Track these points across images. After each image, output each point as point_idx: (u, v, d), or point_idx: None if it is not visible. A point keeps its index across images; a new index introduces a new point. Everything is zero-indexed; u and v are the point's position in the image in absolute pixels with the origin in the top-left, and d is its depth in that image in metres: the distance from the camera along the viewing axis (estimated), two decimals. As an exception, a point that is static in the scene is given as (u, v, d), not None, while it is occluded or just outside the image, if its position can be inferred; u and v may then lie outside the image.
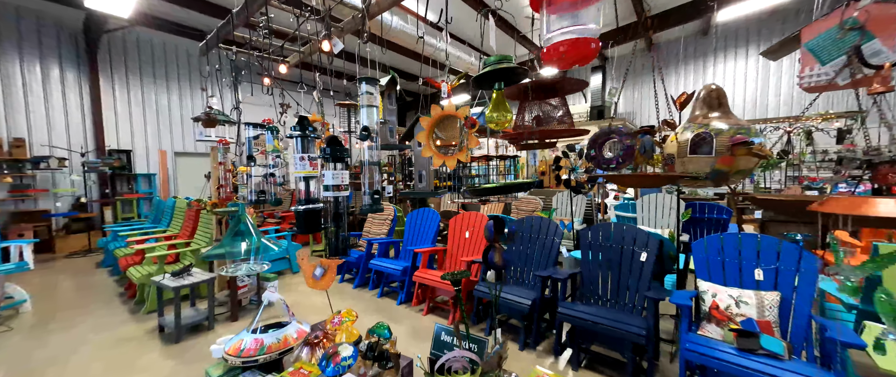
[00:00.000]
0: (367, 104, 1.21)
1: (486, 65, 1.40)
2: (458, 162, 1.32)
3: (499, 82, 1.45)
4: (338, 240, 1.37)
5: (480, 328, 2.72)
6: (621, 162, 1.24)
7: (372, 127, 1.19)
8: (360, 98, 1.20)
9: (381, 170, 1.19)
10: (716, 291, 1.88)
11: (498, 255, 1.06)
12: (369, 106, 1.22)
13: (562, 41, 1.27)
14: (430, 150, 1.23)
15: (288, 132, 1.38)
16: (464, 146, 1.22)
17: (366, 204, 1.21)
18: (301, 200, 1.41)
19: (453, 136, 1.25)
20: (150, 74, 7.19)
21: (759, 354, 1.53)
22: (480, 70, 1.32)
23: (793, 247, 1.80)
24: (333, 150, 1.29)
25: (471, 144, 1.18)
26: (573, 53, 1.27)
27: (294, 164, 1.38)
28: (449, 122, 1.30)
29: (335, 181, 1.30)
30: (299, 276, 4.23)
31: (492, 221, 1.15)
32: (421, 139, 1.26)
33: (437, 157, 1.21)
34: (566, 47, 1.26)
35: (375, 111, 1.23)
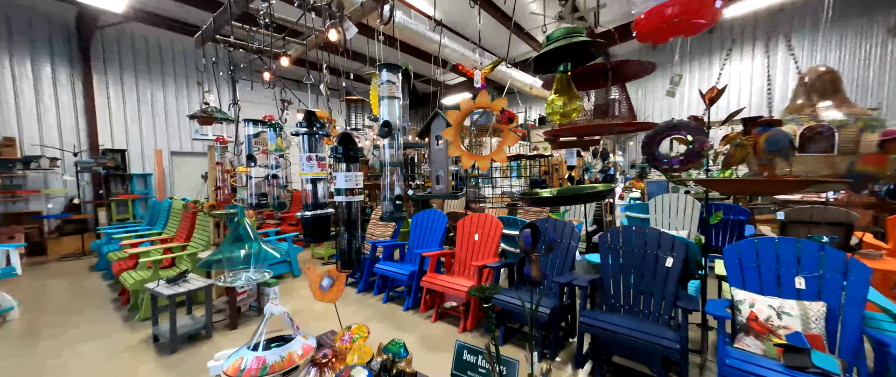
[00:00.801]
0: (389, 95, 1.06)
1: (551, 40, 1.19)
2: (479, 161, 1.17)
3: (565, 63, 1.21)
4: (350, 251, 1.23)
5: (494, 337, 2.58)
6: (684, 162, 1.08)
7: (394, 122, 1.04)
8: (380, 88, 1.05)
9: (404, 171, 1.06)
10: (754, 301, 1.75)
11: (535, 268, 0.93)
12: (391, 98, 1.07)
13: (671, 1, 1.01)
14: (458, 149, 1.08)
15: (292, 130, 1.24)
16: (499, 143, 1.07)
17: (387, 211, 1.06)
18: (307, 205, 1.26)
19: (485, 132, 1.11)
20: (144, 72, 7.01)
21: (811, 372, 1.39)
22: (544, 47, 1.14)
23: (838, 253, 1.67)
24: (346, 149, 1.15)
25: (507, 142, 1.04)
26: (688, 18, 0.97)
27: (300, 165, 1.23)
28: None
29: (348, 184, 1.15)
30: (300, 281, 4.08)
31: (528, 229, 1.01)
32: (448, 136, 1.12)
33: (467, 157, 1.07)
34: (677, 8, 0.99)
35: (397, 104, 1.08)
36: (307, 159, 1.21)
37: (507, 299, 2.37)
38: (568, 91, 1.28)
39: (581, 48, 1.23)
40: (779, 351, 1.54)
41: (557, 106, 1.24)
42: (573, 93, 1.28)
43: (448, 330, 2.75)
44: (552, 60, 1.24)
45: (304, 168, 1.21)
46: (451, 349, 2.48)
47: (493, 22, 7.18)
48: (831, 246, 1.76)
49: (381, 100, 1.04)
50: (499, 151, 1.11)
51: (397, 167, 1.03)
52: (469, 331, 2.67)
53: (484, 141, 4.30)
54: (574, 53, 1.27)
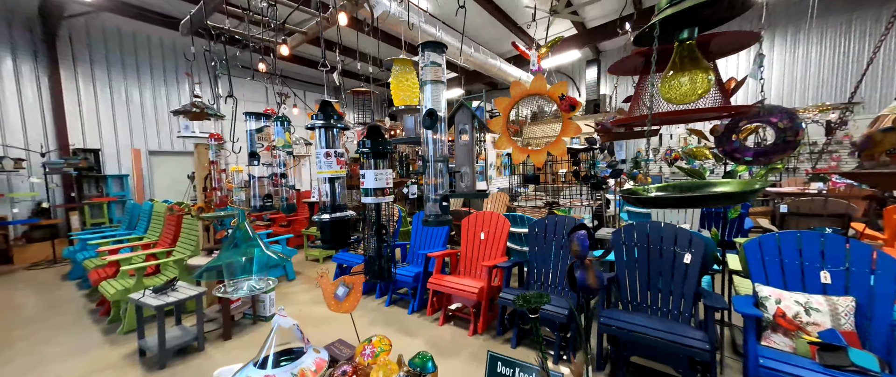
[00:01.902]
0: (432, 79, 0.93)
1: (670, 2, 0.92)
2: None
3: (689, 28, 0.96)
4: (380, 259, 1.10)
5: (506, 339, 2.50)
6: (772, 152, 0.97)
7: (439, 111, 0.91)
8: (423, 72, 0.91)
9: (448, 169, 0.94)
10: (780, 297, 1.72)
11: (592, 276, 0.83)
12: (435, 82, 0.93)
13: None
14: (507, 142, 0.97)
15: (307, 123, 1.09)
16: (558, 135, 0.96)
17: (432, 213, 0.93)
18: (325, 207, 1.13)
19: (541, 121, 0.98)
20: (118, 66, 6.56)
21: (849, 371, 1.36)
22: (659, 12, 0.90)
23: (864, 246, 1.65)
24: (374, 144, 1.01)
25: (568, 132, 0.93)
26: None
27: (316, 162, 1.09)
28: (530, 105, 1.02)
29: (378, 183, 1.02)
30: (296, 284, 3.90)
31: (583, 231, 0.91)
32: (495, 127, 1.00)
33: (518, 151, 0.96)
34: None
35: (442, 89, 0.94)
36: (325, 155, 1.07)
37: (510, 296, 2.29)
38: (694, 64, 0.98)
39: (711, 6, 0.95)
40: (812, 349, 1.50)
41: (678, 84, 0.96)
42: (702, 64, 1.00)
43: (457, 333, 2.65)
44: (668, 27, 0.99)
45: (322, 165, 1.08)
46: (462, 353, 2.40)
47: (485, 16, 7.07)
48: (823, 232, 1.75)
49: (423, 84, 0.91)
50: (557, 143, 0.99)
51: (443, 163, 0.91)
52: (480, 334, 2.58)
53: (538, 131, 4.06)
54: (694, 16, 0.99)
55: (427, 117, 0.89)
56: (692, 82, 0.98)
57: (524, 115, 7.05)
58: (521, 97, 0.99)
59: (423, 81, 0.90)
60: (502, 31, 7.68)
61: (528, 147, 0.99)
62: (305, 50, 8.03)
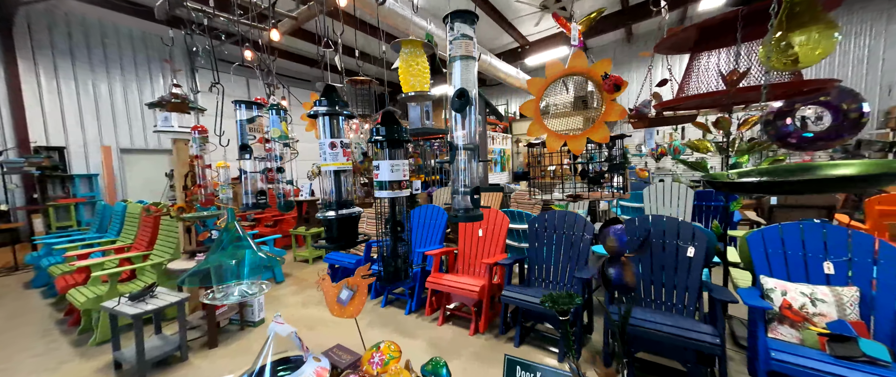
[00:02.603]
0: (463, 54, 0.79)
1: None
2: None
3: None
4: (396, 260, 0.99)
5: (509, 337, 2.44)
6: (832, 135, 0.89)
7: (471, 91, 0.80)
8: (452, 46, 0.80)
9: (479, 158, 0.83)
10: (785, 289, 1.72)
11: (629, 273, 0.77)
12: (465, 58, 0.82)
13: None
14: (541, 127, 0.88)
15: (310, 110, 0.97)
16: (598, 119, 0.87)
17: (460, 207, 0.83)
18: (330, 204, 1.01)
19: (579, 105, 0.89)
20: (85, 58, 6.12)
21: (861, 361, 1.36)
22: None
23: (866, 237, 1.66)
24: (390, 131, 0.90)
25: (610, 116, 0.85)
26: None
27: (320, 154, 0.98)
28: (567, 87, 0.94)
29: (394, 175, 0.92)
30: (285, 287, 3.73)
31: (620, 226, 0.85)
32: (526, 111, 0.91)
33: (554, 138, 0.88)
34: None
35: (473, 66, 0.83)
36: (330, 146, 0.96)
37: (525, 297, 2.23)
38: (813, 19, 0.82)
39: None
40: (821, 340, 1.50)
41: (800, 42, 0.79)
42: (823, 19, 0.83)
43: (458, 333, 2.57)
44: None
45: (327, 157, 0.97)
46: (464, 353, 2.32)
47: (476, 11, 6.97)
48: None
49: (452, 61, 0.80)
50: (598, 128, 0.91)
51: (473, 151, 0.81)
52: (481, 334, 2.51)
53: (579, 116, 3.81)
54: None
55: (456, 98, 0.79)
56: (811, 42, 0.80)
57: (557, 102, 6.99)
58: (559, 77, 0.90)
59: (451, 57, 0.80)
60: (493, 27, 7.61)
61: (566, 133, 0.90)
62: (293, 44, 7.73)
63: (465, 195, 0.79)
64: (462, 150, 0.79)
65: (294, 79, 9.51)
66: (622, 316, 0.87)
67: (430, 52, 1.13)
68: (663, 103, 0.82)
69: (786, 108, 0.91)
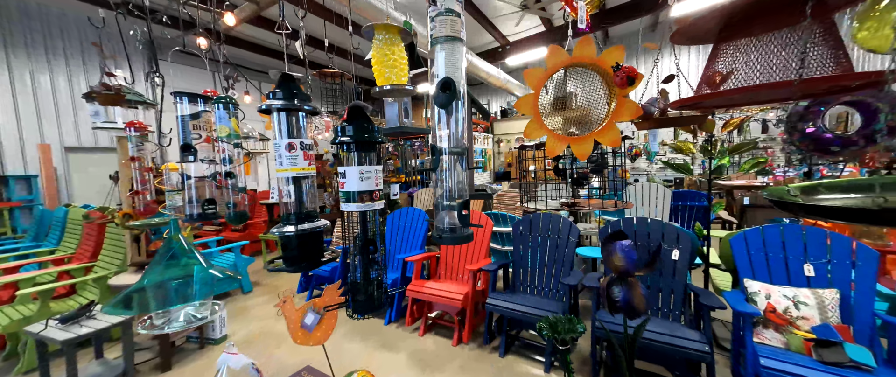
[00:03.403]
0: (448, 35, 0.63)
1: None
2: None
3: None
4: (368, 285, 0.83)
5: (494, 347, 2.33)
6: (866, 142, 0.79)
7: (458, 81, 0.64)
8: (436, 23, 0.64)
9: (468, 164, 0.69)
10: (769, 292, 1.71)
11: (638, 295, 0.66)
12: (452, 39, 0.63)
13: None
14: (539, 127, 0.75)
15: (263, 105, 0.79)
16: (608, 119, 0.75)
17: (446, 226, 0.68)
18: (289, 216, 0.84)
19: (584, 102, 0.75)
20: (21, 46, 5.46)
21: (849, 367, 1.35)
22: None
23: (844, 239, 1.68)
24: (359, 130, 0.75)
25: (621, 115, 0.73)
26: None
27: (275, 157, 0.81)
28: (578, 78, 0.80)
29: (365, 184, 0.76)
30: (254, 297, 3.45)
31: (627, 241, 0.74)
32: (524, 109, 0.78)
33: (556, 139, 0.75)
34: None
35: (461, 51, 0.67)
36: (288, 148, 0.79)
37: (512, 305, 2.14)
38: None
39: None
40: (806, 345, 1.49)
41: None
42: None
43: (441, 343, 2.44)
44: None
45: (284, 161, 0.80)
46: (448, 367, 2.19)
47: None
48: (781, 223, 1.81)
49: (435, 43, 0.65)
50: (608, 129, 0.78)
51: (461, 155, 0.66)
52: (465, 344, 2.39)
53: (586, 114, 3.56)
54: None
55: (441, 90, 0.64)
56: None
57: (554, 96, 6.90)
58: (561, 67, 0.78)
59: (434, 39, 0.65)
60: (473, 25, 7.52)
61: (569, 134, 0.78)
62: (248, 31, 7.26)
63: (452, 210, 0.65)
64: (447, 154, 0.65)
65: (260, 72, 9.00)
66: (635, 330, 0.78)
67: (408, 40, 0.98)
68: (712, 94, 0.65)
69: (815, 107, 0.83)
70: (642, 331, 1.06)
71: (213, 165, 1.24)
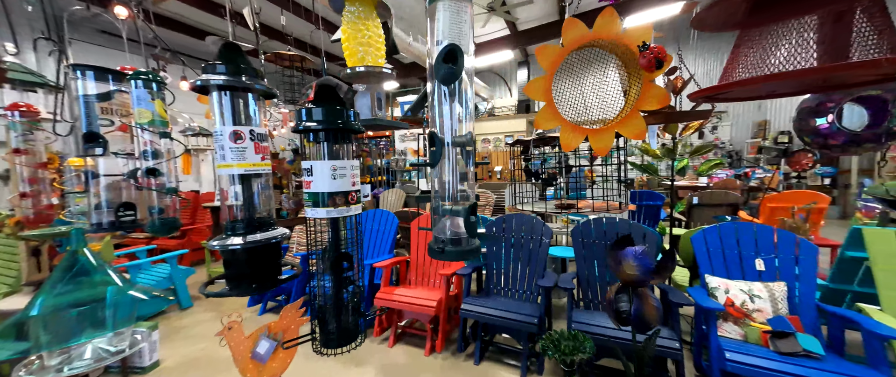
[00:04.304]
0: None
1: None
2: None
3: None
4: (343, 312, 0.66)
5: (469, 354, 2.24)
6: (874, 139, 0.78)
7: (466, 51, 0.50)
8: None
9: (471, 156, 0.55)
10: (727, 287, 1.81)
11: (649, 307, 0.60)
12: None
13: None
14: (554, 116, 0.64)
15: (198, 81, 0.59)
16: (632, 108, 0.65)
17: (445, 239, 0.53)
18: (235, 225, 0.65)
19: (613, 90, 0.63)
20: None
21: (801, 356, 1.44)
22: None
23: (789, 235, 1.82)
24: (330, 114, 0.58)
25: (647, 103, 0.63)
26: None
27: (217, 150, 0.62)
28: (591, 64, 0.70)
29: (338, 183, 0.60)
30: (193, 314, 3.02)
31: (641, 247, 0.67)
32: (535, 94, 0.67)
33: (573, 131, 0.65)
34: None
35: (467, 13, 0.53)
36: (233, 138, 0.61)
37: (488, 311, 2.06)
38: None
39: None
40: (763, 336, 1.58)
41: None
42: None
43: (412, 354, 2.29)
44: None
45: (228, 155, 0.61)
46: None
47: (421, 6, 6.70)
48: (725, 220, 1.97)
49: (438, 5, 0.51)
50: (632, 120, 0.69)
51: (466, 148, 0.53)
52: (438, 353, 2.27)
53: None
54: None
55: (443, 61, 0.50)
56: None
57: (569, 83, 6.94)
58: (579, 45, 0.68)
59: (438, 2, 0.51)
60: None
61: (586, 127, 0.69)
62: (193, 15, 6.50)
63: (456, 216, 0.53)
64: (451, 145, 0.52)
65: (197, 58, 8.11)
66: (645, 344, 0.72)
67: (385, 17, 0.84)
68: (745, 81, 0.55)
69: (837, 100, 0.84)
70: (653, 347, 1.02)
71: (130, 160, 0.99)
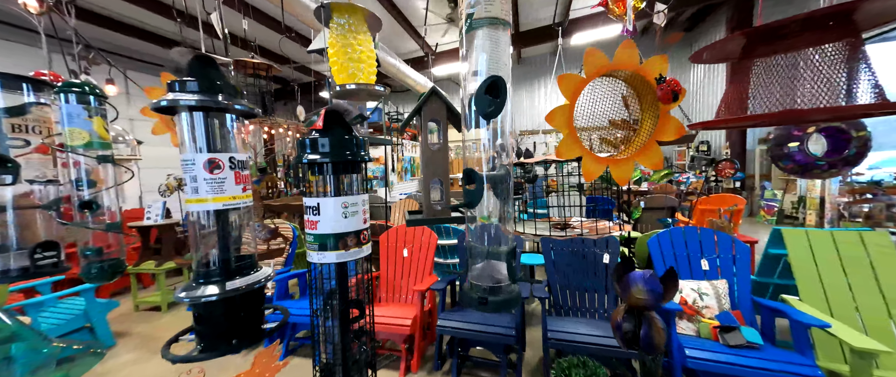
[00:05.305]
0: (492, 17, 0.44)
1: None
2: None
3: None
4: (349, 367, 0.57)
5: (445, 372, 2.18)
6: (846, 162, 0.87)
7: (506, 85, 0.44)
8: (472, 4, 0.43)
9: (514, 194, 0.50)
10: (681, 286, 1.99)
11: (657, 331, 0.60)
12: (495, 23, 0.45)
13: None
14: (575, 145, 0.62)
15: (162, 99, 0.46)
16: (649, 137, 0.66)
17: (484, 282, 0.46)
18: (209, 271, 0.53)
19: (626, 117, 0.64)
20: None
21: (745, 347, 1.62)
22: None
23: (726, 237, 2.07)
24: (338, 144, 0.49)
25: (664, 134, 0.65)
26: None
27: (187, 181, 0.50)
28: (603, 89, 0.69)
29: (348, 224, 0.51)
30: (117, 355, 2.56)
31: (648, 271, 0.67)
32: (556, 123, 0.64)
33: (594, 160, 0.63)
34: None
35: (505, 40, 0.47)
36: (209, 168, 0.50)
37: (466, 326, 2.03)
38: None
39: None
40: (713, 331, 1.76)
41: None
42: None
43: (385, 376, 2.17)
44: None
45: (202, 188, 0.50)
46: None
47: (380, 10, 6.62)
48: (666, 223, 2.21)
49: (471, 29, 0.45)
50: (650, 150, 0.70)
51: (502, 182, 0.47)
52: (414, 374, 2.18)
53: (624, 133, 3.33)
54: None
55: (484, 94, 0.45)
56: None
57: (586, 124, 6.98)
58: (600, 73, 0.68)
59: (471, 22, 0.45)
60: (399, 31, 7.39)
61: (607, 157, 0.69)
62: (136, 15, 5.79)
63: (495, 259, 0.49)
64: (488, 182, 0.48)
65: (137, 60, 7.20)
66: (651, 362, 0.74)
67: (376, 29, 0.79)
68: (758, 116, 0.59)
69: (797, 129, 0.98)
70: (659, 364, 1.06)
71: (53, 188, 0.78)
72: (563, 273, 2.27)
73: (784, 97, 0.54)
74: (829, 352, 1.70)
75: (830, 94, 0.51)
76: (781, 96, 0.54)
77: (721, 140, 7.62)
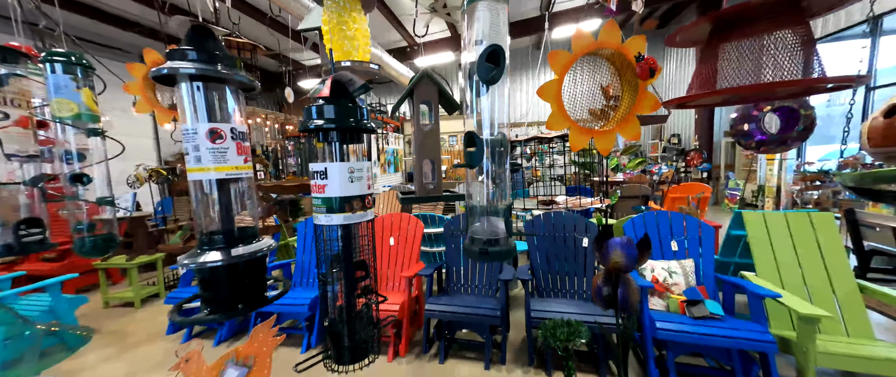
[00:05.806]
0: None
1: None
2: None
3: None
4: (353, 326, 0.59)
5: (433, 354, 2.24)
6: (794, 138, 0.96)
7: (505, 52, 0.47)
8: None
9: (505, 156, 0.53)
10: (653, 266, 2.13)
11: (633, 290, 0.67)
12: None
13: None
14: (563, 119, 0.67)
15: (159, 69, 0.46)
16: (629, 112, 0.72)
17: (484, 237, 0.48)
18: (212, 237, 0.54)
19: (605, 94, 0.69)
20: None
21: (708, 319, 1.77)
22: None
23: (693, 220, 2.22)
24: (342, 112, 0.51)
25: (642, 108, 0.70)
26: None
27: (189, 149, 0.50)
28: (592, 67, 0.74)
29: (353, 188, 0.53)
30: (91, 351, 2.45)
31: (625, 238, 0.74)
32: (546, 97, 0.68)
33: (579, 132, 0.68)
34: None
35: (504, 13, 0.50)
36: (210, 137, 0.51)
37: (453, 308, 2.09)
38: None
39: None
40: (680, 305, 1.90)
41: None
42: None
43: (375, 362, 2.20)
44: None
45: (205, 157, 0.51)
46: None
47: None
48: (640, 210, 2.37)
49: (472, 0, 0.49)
50: (629, 123, 0.76)
51: (501, 145, 0.51)
52: (403, 358, 2.23)
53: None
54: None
55: (486, 62, 0.49)
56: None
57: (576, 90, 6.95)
58: (586, 52, 0.73)
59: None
60: (382, 21, 7.26)
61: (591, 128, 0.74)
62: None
63: (493, 217, 0.53)
64: (489, 147, 0.53)
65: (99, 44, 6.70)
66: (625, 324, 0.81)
67: (369, 8, 0.80)
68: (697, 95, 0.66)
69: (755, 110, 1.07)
70: (633, 326, 1.15)
71: (35, 163, 0.74)
72: (545, 257, 2.37)
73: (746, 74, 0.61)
74: (781, 321, 1.89)
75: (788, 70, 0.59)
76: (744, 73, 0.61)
77: (690, 131, 8.04)
